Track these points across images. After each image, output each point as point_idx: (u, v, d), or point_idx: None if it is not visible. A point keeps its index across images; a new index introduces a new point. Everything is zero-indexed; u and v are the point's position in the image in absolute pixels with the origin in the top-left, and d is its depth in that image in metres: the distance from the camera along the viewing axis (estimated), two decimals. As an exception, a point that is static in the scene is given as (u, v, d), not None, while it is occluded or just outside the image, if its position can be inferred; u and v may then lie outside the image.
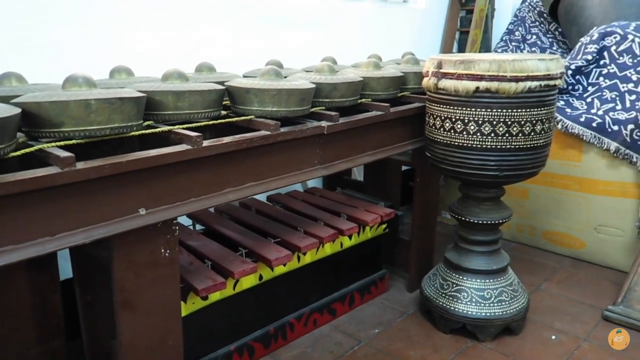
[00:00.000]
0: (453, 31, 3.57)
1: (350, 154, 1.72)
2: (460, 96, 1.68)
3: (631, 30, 2.37)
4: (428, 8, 3.37)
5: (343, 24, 2.75)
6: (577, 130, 2.33)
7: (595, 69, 2.45)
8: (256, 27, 2.33)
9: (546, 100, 1.67)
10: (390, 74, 1.90)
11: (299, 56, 2.41)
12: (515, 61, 1.59)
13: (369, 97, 1.88)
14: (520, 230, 2.74)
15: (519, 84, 1.60)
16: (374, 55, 2.51)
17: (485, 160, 1.70)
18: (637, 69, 2.31)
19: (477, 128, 1.67)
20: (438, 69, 1.73)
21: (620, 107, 2.30)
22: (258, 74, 1.56)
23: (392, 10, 3.09)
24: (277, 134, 1.42)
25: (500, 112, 1.64)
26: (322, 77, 1.69)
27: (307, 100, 1.54)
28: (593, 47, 2.44)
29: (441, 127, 1.77)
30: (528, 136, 1.67)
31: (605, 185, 2.38)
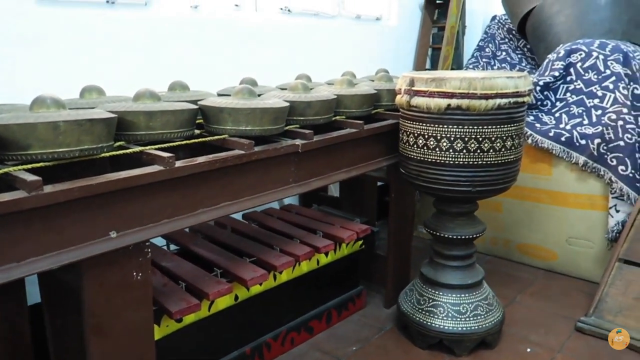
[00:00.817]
0: (425, 48, 3.64)
1: (325, 172, 1.72)
2: (432, 113, 1.70)
3: (595, 47, 2.46)
4: (400, 25, 3.43)
5: (317, 41, 2.78)
6: (546, 144, 2.39)
7: (562, 85, 2.52)
8: (230, 44, 2.34)
9: (515, 117, 1.71)
10: (363, 91, 1.92)
11: (274, 73, 2.42)
12: (485, 79, 1.63)
13: (343, 115, 1.89)
14: (495, 243, 2.78)
15: (489, 101, 1.64)
16: (347, 73, 2.54)
17: (458, 176, 1.72)
18: (602, 85, 2.38)
19: (449, 145, 1.70)
20: (410, 87, 1.76)
21: (587, 121, 2.36)
22: (232, 93, 1.56)
23: (365, 28, 3.14)
24: (251, 153, 1.41)
25: (472, 129, 1.67)
26: (296, 95, 1.69)
27: (281, 118, 1.54)
28: (560, 63, 2.51)
29: (414, 143, 1.79)
30: (499, 152, 1.70)
31: (575, 197, 2.44)
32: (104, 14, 1.90)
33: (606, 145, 2.28)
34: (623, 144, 2.24)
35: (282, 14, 2.57)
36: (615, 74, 2.36)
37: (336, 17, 2.91)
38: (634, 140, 2.24)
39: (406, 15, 3.47)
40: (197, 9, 2.20)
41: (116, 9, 1.93)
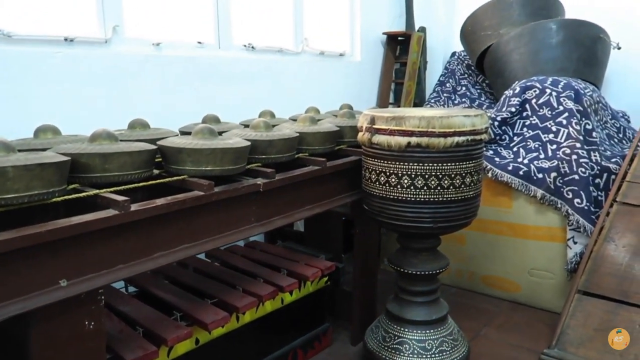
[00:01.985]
0: (389, 82, 3.72)
1: (287, 210, 1.71)
2: (393, 151, 1.73)
3: (548, 84, 2.56)
4: (364, 61, 3.51)
5: (281, 77, 2.81)
6: (505, 178, 2.45)
7: (519, 120, 2.60)
8: (193, 81, 2.34)
9: (474, 154, 1.75)
10: (326, 128, 1.94)
11: (238, 109, 2.41)
12: (443, 118, 1.67)
13: (306, 152, 1.90)
14: (460, 275, 2.80)
15: (447, 139, 1.67)
16: (311, 109, 2.56)
17: (420, 212, 1.73)
18: (555, 120, 2.48)
19: (410, 182, 1.72)
20: (371, 125, 1.78)
21: (543, 155, 2.44)
22: (192, 132, 1.54)
23: (329, 64, 3.20)
24: (210, 194, 1.39)
25: (432, 166, 1.70)
26: (258, 134, 1.69)
27: (242, 158, 1.54)
28: (516, 100, 2.60)
29: (376, 180, 1.80)
30: (459, 188, 1.73)
31: (535, 230, 2.49)
32: (62, 52, 1.87)
33: (562, 178, 2.35)
34: (578, 178, 2.32)
35: (246, 51, 2.60)
36: (568, 110, 2.45)
37: (300, 54, 2.96)
38: (588, 174, 2.31)
39: (369, 51, 3.55)
40: (160, 47, 2.19)
41: (75, 47, 1.91)
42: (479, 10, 3.28)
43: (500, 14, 3.19)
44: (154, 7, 2.24)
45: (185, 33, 2.36)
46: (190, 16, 2.38)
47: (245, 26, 2.63)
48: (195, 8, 2.40)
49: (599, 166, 2.35)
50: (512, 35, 3.02)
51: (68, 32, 1.90)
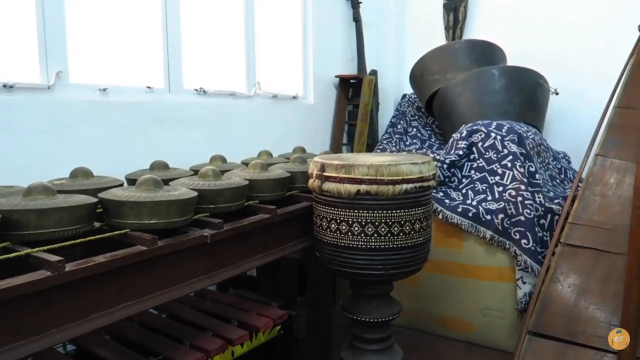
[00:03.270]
0: (342, 124, 3.78)
1: (237, 260, 1.67)
2: (343, 198, 1.73)
3: (493, 128, 2.66)
4: (317, 103, 3.55)
5: (234, 121, 2.79)
6: (456, 220, 2.49)
7: (467, 163, 2.68)
8: (142, 126, 2.29)
9: (422, 200, 1.78)
10: (277, 175, 1.93)
11: (188, 154, 2.37)
12: (391, 166, 1.69)
13: (257, 199, 1.87)
14: (415, 317, 2.80)
15: (396, 186, 1.69)
16: (264, 152, 2.55)
17: (371, 260, 1.73)
18: (501, 163, 2.56)
19: (361, 229, 1.72)
20: (321, 172, 1.79)
21: (491, 197, 2.51)
22: (136, 183, 1.50)
23: (282, 106, 3.22)
24: (154, 248, 1.34)
25: (382, 213, 1.71)
26: (206, 182, 1.66)
27: (188, 209, 1.50)
28: (463, 143, 2.68)
29: (327, 227, 1.79)
30: (409, 235, 1.74)
31: (486, 270, 2.53)
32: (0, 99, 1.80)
33: (509, 219, 2.42)
34: (524, 219, 2.39)
35: (197, 95, 2.58)
36: (512, 153, 2.55)
37: (252, 97, 2.97)
38: (533, 215, 2.39)
39: (322, 93, 3.61)
40: (106, 92, 2.15)
41: (15, 94, 1.84)
42: (427, 56, 3.40)
43: (447, 60, 3.33)
44: (100, 52, 2.20)
45: (133, 78, 2.32)
46: (139, 61, 2.36)
47: (196, 70, 2.62)
48: (144, 52, 2.38)
49: (543, 207, 2.44)
50: (458, 80, 3.14)
51: (7, 79, 1.83)
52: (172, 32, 2.45)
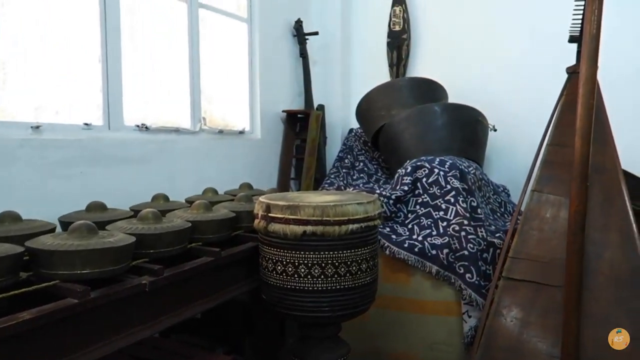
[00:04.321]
0: (289, 158, 3.77)
1: (178, 307, 1.60)
2: (289, 239, 1.71)
3: (436, 164, 2.73)
4: (264, 138, 3.54)
5: (178, 158, 2.72)
6: (402, 255, 2.51)
7: (412, 198, 2.72)
8: (79, 165, 2.18)
9: (368, 240, 1.78)
10: (221, 215, 1.88)
11: (129, 193, 2.28)
12: (337, 206, 1.69)
13: (200, 241, 1.81)
14: (365, 354, 2.76)
15: (342, 227, 1.69)
16: (209, 190, 2.50)
17: (318, 302, 1.71)
18: (444, 198, 2.62)
19: (307, 271, 1.69)
20: (267, 213, 1.76)
21: (436, 232, 2.55)
22: (68, 230, 1.41)
23: (229, 142, 3.18)
24: (86, 300, 1.26)
25: (328, 254, 1.69)
26: (145, 226, 1.60)
27: (125, 256, 1.42)
28: (408, 178, 2.73)
29: (273, 269, 1.76)
30: (355, 275, 1.73)
31: (433, 305, 2.55)
32: None
33: (453, 254, 2.46)
34: (467, 253, 2.44)
35: (139, 132, 2.51)
36: (455, 189, 2.61)
37: (198, 133, 2.91)
38: (476, 249, 2.44)
39: (269, 128, 3.60)
40: (39, 130, 2.05)
41: None
42: (371, 93, 3.48)
43: (391, 97, 3.41)
44: (33, 87, 2.10)
45: (69, 114, 2.23)
46: (76, 96, 2.27)
47: (137, 106, 2.55)
48: (82, 87, 2.29)
49: (485, 241, 2.50)
50: (402, 117, 3.21)
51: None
52: (113, 65, 2.38)
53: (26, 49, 2.08)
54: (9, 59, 2.02)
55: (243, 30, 3.41)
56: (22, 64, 2.07)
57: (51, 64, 2.17)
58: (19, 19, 2.05)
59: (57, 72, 2.19)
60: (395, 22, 3.94)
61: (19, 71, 2.06)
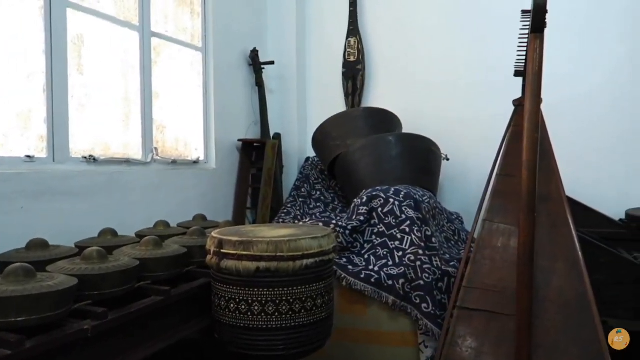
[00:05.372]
0: (246, 188, 3.73)
1: (124, 351, 1.52)
2: (242, 276, 1.67)
3: (391, 194, 2.75)
4: (220, 168, 3.48)
5: (128, 190, 2.62)
6: (359, 286, 2.50)
7: (368, 228, 2.73)
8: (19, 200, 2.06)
9: (323, 274, 1.76)
10: (171, 252, 1.82)
11: (74, 229, 2.18)
12: (291, 241, 1.66)
13: (149, 279, 1.74)
14: (322, 388, 2.71)
15: (296, 262, 1.66)
16: (160, 222, 2.43)
17: (272, 340, 1.66)
18: (400, 228, 2.64)
19: (261, 308, 1.65)
20: (219, 249, 1.72)
21: (392, 262, 2.56)
22: (2, 274, 1.32)
23: (182, 172, 3.11)
24: (21, 350, 1.18)
25: (282, 291, 1.66)
26: (89, 266, 1.52)
27: (65, 300, 1.35)
28: (364, 208, 2.74)
29: (226, 307, 1.71)
30: (311, 311, 1.71)
31: (389, 335, 2.54)
32: None
33: (409, 284, 2.47)
34: (423, 283, 2.45)
35: (86, 164, 2.41)
36: (410, 218, 2.64)
37: (149, 164, 2.84)
38: (431, 279, 2.46)
39: (225, 158, 3.55)
40: (-24, 163, 1.94)
41: None
42: (327, 122, 3.50)
43: (347, 126, 3.45)
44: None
45: (9, 146, 2.12)
46: (17, 127, 2.17)
47: (85, 137, 2.46)
48: (24, 117, 2.19)
49: (440, 270, 2.52)
50: (357, 147, 3.24)
51: None
52: (58, 95, 2.28)
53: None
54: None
55: (198, 59, 3.38)
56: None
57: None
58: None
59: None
60: (350, 52, 4.01)
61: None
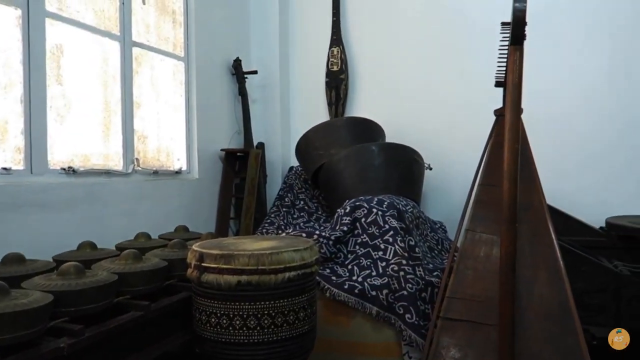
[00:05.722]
0: (229, 198, 3.70)
1: (102, 369, 1.49)
2: (223, 290, 1.65)
3: (374, 204, 2.75)
4: (202, 178, 3.45)
5: (108, 202, 2.58)
6: (342, 297, 2.48)
7: (351, 238, 2.72)
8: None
9: (306, 287, 1.75)
10: (151, 265, 1.79)
11: (53, 242, 2.14)
12: (273, 254, 1.65)
13: (128, 294, 1.71)
14: (306, 400, 2.69)
15: (278, 275, 1.65)
16: (141, 235, 2.39)
17: (254, 354, 1.65)
18: (383, 238, 2.64)
19: (242, 322, 1.63)
20: (200, 262, 1.70)
21: (375, 273, 2.56)
22: (-25, 292, 1.29)
23: (164, 183, 3.07)
24: (-7, 372, 1.14)
25: (264, 305, 1.64)
26: (65, 282, 1.49)
27: (41, 318, 1.31)
28: (347, 218, 2.74)
29: (207, 322, 1.68)
30: (293, 325, 1.69)
31: (373, 347, 2.52)
32: None
33: (393, 295, 2.46)
34: (406, 293, 2.45)
35: (65, 176, 2.37)
36: (393, 229, 2.64)
37: (130, 175, 2.80)
38: (415, 289, 2.46)
39: (208, 168, 3.52)
40: (-50, 177, 1.89)
41: None
42: (310, 132, 3.50)
43: (330, 136, 3.45)
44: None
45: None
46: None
47: (64, 148, 2.42)
48: (0, 129, 2.15)
49: (423, 280, 2.52)
50: (341, 156, 3.25)
51: None
52: (36, 105, 2.25)
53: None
54: None
55: (180, 69, 3.36)
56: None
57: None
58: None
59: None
60: (333, 62, 4.02)
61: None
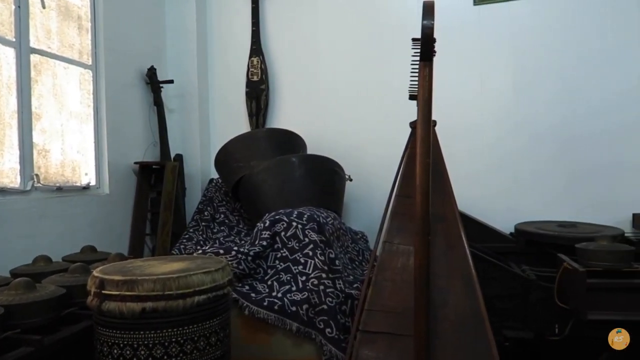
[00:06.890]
0: (144, 213, 3.52)
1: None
2: (126, 318, 1.53)
3: (294, 217, 2.72)
4: (114, 192, 3.25)
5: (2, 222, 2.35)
6: (262, 314, 2.42)
7: (271, 253, 2.67)
8: None
9: (218, 310, 1.67)
10: (46, 295, 1.64)
11: None
12: (180, 278, 1.56)
13: (19, 328, 1.55)
14: None
15: (187, 300, 1.56)
16: (40, 258, 2.21)
17: (161, 386, 1.54)
18: (303, 252, 2.60)
19: (148, 352, 1.53)
20: (100, 290, 1.57)
21: (295, 288, 2.51)
22: None
23: (69, 200, 2.85)
24: None
25: (171, 332, 1.55)
26: (-63, 321, 1.31)
27: None
28: (267, 233, 2.68)
29: (109, 353, 1.56)
30: (204, 351, 1.61)
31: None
32: None
33: (313, 309, 2.43)
34: (327, 307, 2.42)
35: (-51, 196, 2.14)
36: (313, 242, 2.61)
37: (29, 192, 2.57)
38: (335, 303, 2.44)
39: (120, 182, 3.33)
40: None
41: None
42: (229, 143, 3.41)
43: (250, 148, 3.37)
44: None
45: None
46: None
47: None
48: None
49: (343, 293, 2.51)
50: (261, 168, 3.18)
51: None
52: None
53: None
54: None
55: (87, 77, 3.15)
56: None
57: None
58: None
59: None
60: (253, 72, 3.96)
61: None
